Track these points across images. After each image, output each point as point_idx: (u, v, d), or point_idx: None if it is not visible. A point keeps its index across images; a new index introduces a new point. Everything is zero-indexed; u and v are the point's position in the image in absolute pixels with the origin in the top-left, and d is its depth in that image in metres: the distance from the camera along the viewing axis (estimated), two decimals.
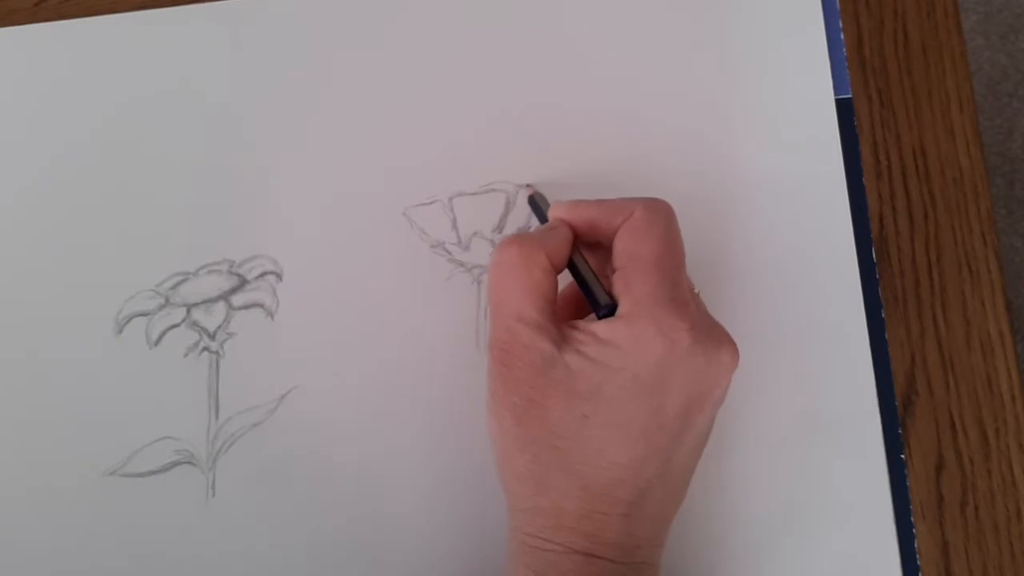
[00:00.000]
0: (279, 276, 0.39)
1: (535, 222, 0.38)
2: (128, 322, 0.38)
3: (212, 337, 0.38)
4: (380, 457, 0.36)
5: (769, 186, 0.38)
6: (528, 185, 0.38)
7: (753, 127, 0.39)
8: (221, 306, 0.38)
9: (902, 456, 0.35)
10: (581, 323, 0.30)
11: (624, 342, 0.29)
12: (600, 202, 0.32)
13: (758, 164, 0.38)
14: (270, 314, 0.38)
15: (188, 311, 0.38)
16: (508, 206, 0.39)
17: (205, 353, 0.38)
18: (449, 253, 0.38)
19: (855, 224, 0.37)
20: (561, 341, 0.30)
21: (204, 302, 0.38)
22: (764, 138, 0.39)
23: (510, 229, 0.38)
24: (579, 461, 0.29)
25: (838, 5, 0.40)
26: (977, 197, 0.38)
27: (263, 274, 0.39)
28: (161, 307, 0.38)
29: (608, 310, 0.30)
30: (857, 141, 0.39)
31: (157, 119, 0.41)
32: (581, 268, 0.32)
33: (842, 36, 0.40)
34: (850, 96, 0.39)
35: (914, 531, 0.35)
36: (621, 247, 0.30)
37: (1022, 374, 0.36)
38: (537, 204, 0.36)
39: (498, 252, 0.31)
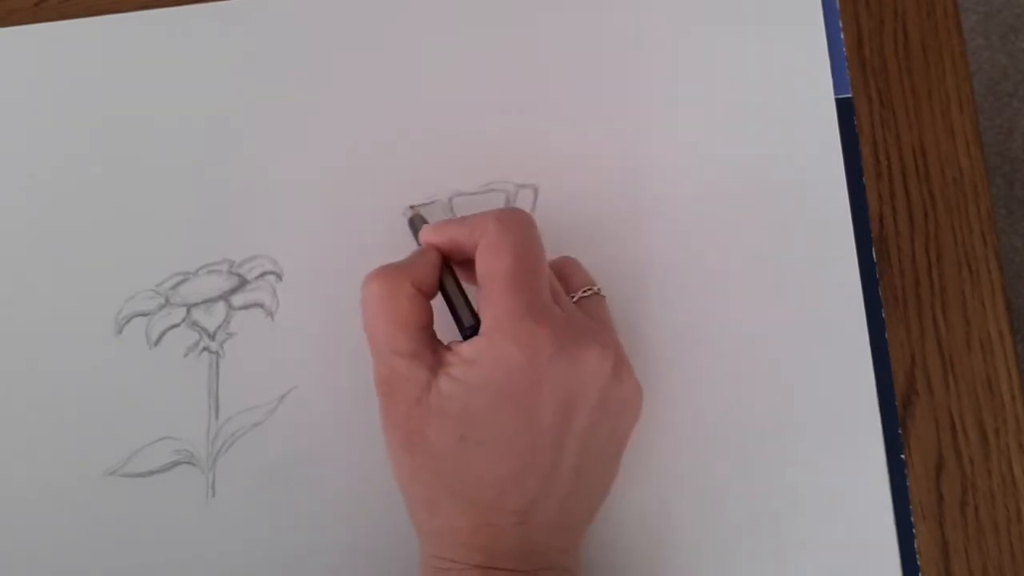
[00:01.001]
0: (279, 276, 0.38)
1: (536, 217, 0.38)
2: (128, 322, 0.38)
3: (212, 337, 0.38)
4: (380, 457, 0.36)
5: (769, 186, 0.38)
6: (411, 207, 0.38)
7: (753, 127, 0.39)
8: (221, 306, 0.38)
9: (902, 456, 0.35)
10: (453, 345, 0.31)
11: (485, 359, 0.29)
12: (462, 220, 0.32)
13: (758, 164, 0.38)
14: (270, 314, 0.38)
15: (188, 311, 0.38)
16: (508, 206, 0.39)
17: (205, 353, 0.38)
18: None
19: (855, 224, 0.37)
20: (436, 366, 0.30)
21: (204, 302, 0.38)
22: (764, 138, 0.39)
23: None
24: (461, 481, 0.29)
25: (838, 5, 0.40)
26: (977, 197, 0.38)
27: (263, 274, 0.39)
28: (161, 307, 0.38)
29: (471, 330, 0.31)
30: (857, 141, 0.39)
31: (157, 119, 0.41)
32: (449, 289, 0.32)
33: (842, 36, 0.40)
34: (850, 96, 0.39)
35: (914, 531, 0.35)
36: (480, 266, 0.31)
37: (1022, 374, 0.36)
38: (415, 226, 0.36)
39: (364, 287, 0.31)
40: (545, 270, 0.31)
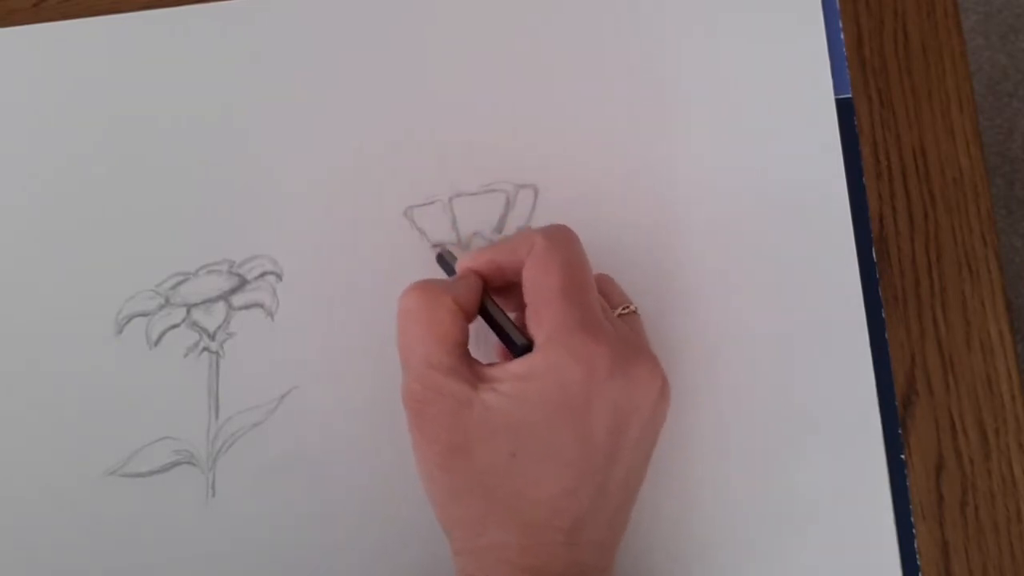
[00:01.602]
0: (279, 276, 0.39)
1: (536, 217, 0.38)
2: (128, 322, 0.38)
3: (212, 337, 0.38)
4: (380, 456, 0.36)
5: (769, 186, 0.38)
6: (436, 245, 0.38)
7: (753, 127, 0.39)
8: (221, 306, 0.38)
9: (902, 456, 0.35)
10: (499, 364, 0.30)
11: (542, 374, 0.29)
12: (502, 242, 0.32)
13: (758, 164, 0.38)
14: (270, 314, 0.38)
15: (188, 311, 0.38)
16: (508, 206, 0.39)
17: (205, 353, 0.38)
18: (450, 254, 0.38)
19: (855, 224, 0.37)
20: (476, 381, 0.29)
21: (204, 302, 0.38)
22: (764, 138, 0.39)
23: (510, 229, 0.38)
24: (513, 497, 0.28)
25: (838, 5, 0.40)
26: (977, 197, 0.38)
27: (263, 274, 0.39)
28: (161, 307, 0.38)
29: (524, 349, 0.30)
30: (857, 141, 0.39)
31: (157, 120, 0.41)
32: (493, 313, 0.32)
33: (842, 36, 0.40)
34: (850, 96, 0.39)
35: (914, 531, 0.35)
36: (528, 283, 0.30)
37: (1022, 374, 0.36)
38: (446, 261, 0.35)
39: (403, 298, 0.30)
40: (594, 286, 0.31)
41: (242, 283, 0.38)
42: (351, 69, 0.41)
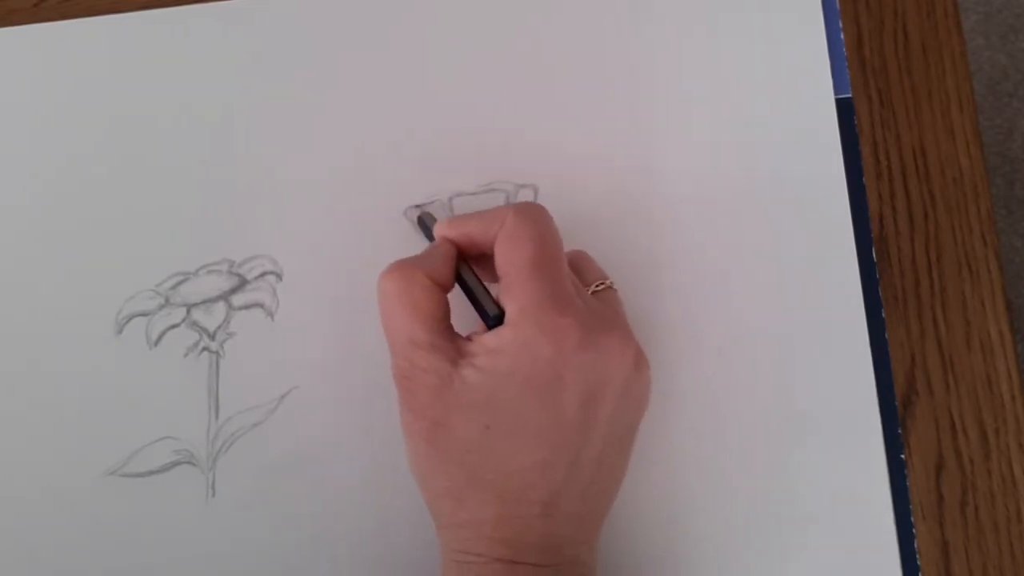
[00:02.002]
0: (279, 276, 0.39)
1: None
2: (128, 322, 0.38)
3: (212, 337, 0.38)
4: (379, 456, 0.36)
5: (769, 186, 0.38)
6: (417, 206, 0.38)
7: (753, 127, 0.39)
8: (221, 306, 0.38)
9: (902, 456, 0.35)
10: (475, 336, 0.31)
11: (511, 348, 0.29)
12: (477, 214, 0.32)
13: (758, 164, 0.38)
14: (270, 314, 0.38)
15: (188, 311, 0.38)
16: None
17: (205, 353, 0.38)
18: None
19: (855, 224, 0.37)
20: (457, 356, 0.30)
21: (204, 302, 0.38)
22: (764, 138, 0.39)
23: None
24: (489, 471, 0.29)
25: (838, 5, 0.40)
26: (977, 197, 0.38)
27: (263, 274, 0.39)
28: (161, 307, 0.38)
29: (496, 320, 0.30)
30: (857, 141, 0.39)
31: (157, 120, 0.41)
32: (469, 281, 0.32)
33: (842, 36, 0.40)
34: (850, 96, 0.39)
35: (914, 531, 0.35)
36: (500, 256, 0.31)
37: (1022, 374, 0.36)
38: (426, 224, 0.36)
39: (380, 282, 0.31)
40: (565, 260, 0.31)
41: (242, 283, 0.38)
42: (351, 69, 0.41)
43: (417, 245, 0.38)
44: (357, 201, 0.39)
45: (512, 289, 0.30)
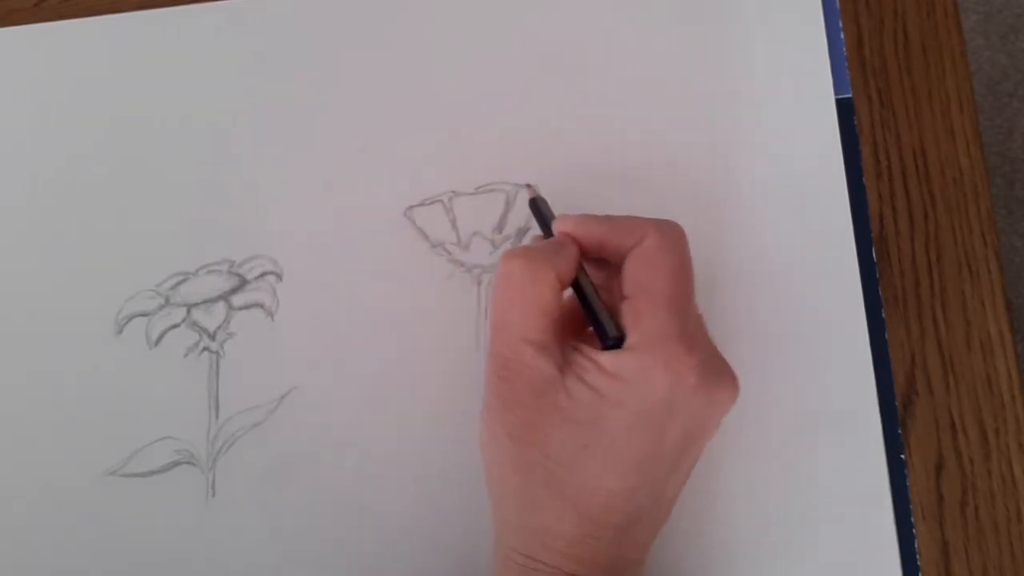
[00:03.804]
0: (279, 276, 0.39)
1: (535, 223, 0.38)
2: (128, 322, 0.38)
3: (212, 337, 0.38)
4: (379, 457, 0.36)
5: (769, 186, 0.38)
6: (528, 185, 0.37)
7: (753, 127, 0.39)
8: (221, 306, 0.38)
9: (902, 456, 0.35)
10: (586, 349, 0.30)
11: (630, 376, 0.28)
12: (610, 220, 0.31)
13: (758, 164, 0.38)
14: (270, 314, 0.38)
15: (188, 311, 0.38)
16: (508, 206, 0.39)
17: (205, 353, 0.38)
18: (449, 253, 0.38)
19: (855, 224, 0.37)
20: (564, 365, 0.29)
21: (204, 302, 0.38)
22: (764, 138, 0.39)
23: (510, 229, 0.38)
24: (574, 487, 0.29)
25: (838, 5, 0.40)
26: (977, 197, 0.38)
27: (263, 274, 0.39)
28: (161, 307, 0.38)
29: (616, 342, 0.29)
30: (857, 141, 0.39)
31: (157, 119, 0.41)
32: (588, 294, 0.31)
33: (842, 36, 0.40)
34: (850, 96, 0.39)
35: (914, 531, 0.35)
36: (631, 275, 0.30)
37: (1022, 374, 0.36)
38: (540, 211, 0.35)
39: (505, 263, 0.30)
40: (694, 293, 0.30)
41: (242, 283, 0.38)
42: (351, 69, 0.41)
43: (417, 246, 0.38)
44: (357, 201, 0.39)
45: (641, 316, 0.29)
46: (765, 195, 0.38)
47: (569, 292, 0.32)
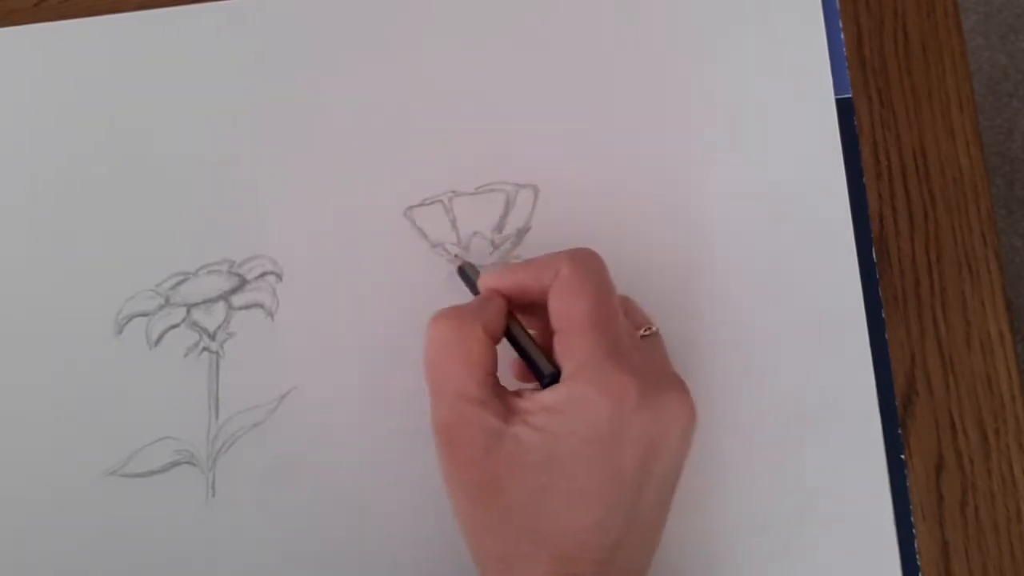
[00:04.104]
0: (279, 276, 0.39)
1: (536, 217, 0.38)
2: (128, 322, 0.38)
3: (212, 337, 0.38)
4: (379, 457, 0.36)
5: (769, 186, 0.38)
6: (456, 256, 0.37)
7: (753, 127, 0.39)
8: (221, 306, 0.38)
9: (902, 456, 0.35)
10: (527, 393, 0.30)
11: (570, 407, 0.28)
12: (527, 264, 0.32)
13: (758, 164, 0.38)
14: (270, 314, 0.38)
15: (188, 311, 0.38)
16: (508, 206, 0.39)
17: (205, 353, 0.38)
18: (449, 253, 0.38)
19: (855, 224, 0.37)
20: (507, 414, 0.29)
21: (204, 302, 0.38)
22: (764, 138, 0.39)
23: (510, 229, 0.38)
24: (544, 531, 0.28)
25: (838, 5, 0.40)
26: (977, 197, 0.38)
27: (263, 274, 0.39)
28: (161, 307, 0.38)
29: (552, 378, 0.30)
30: (857, 141, 0.39)
31: (157, 119, 0.41)
32: (520, 338, 0.31)
33: (842, 36, 0.40)
34: (850, 96, 0.39)
35: (914, 531, 0.35)
36: (555, 309, 0.30)
37: (1022, 374, 0.36)
38: (467, 275, 0.35)
39: (433, 327, 0.30)
40: (621, 312, 0.30)
41: (242, 283, 0.38)
42: (351, 69, 0.41)
43: (417, 246, 0.38)
44: (357, 201, 0.39)
45: (570, 345, 0.29)
46: (765, 195, 0.38)
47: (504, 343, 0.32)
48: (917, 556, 0.34)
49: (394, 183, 0.39)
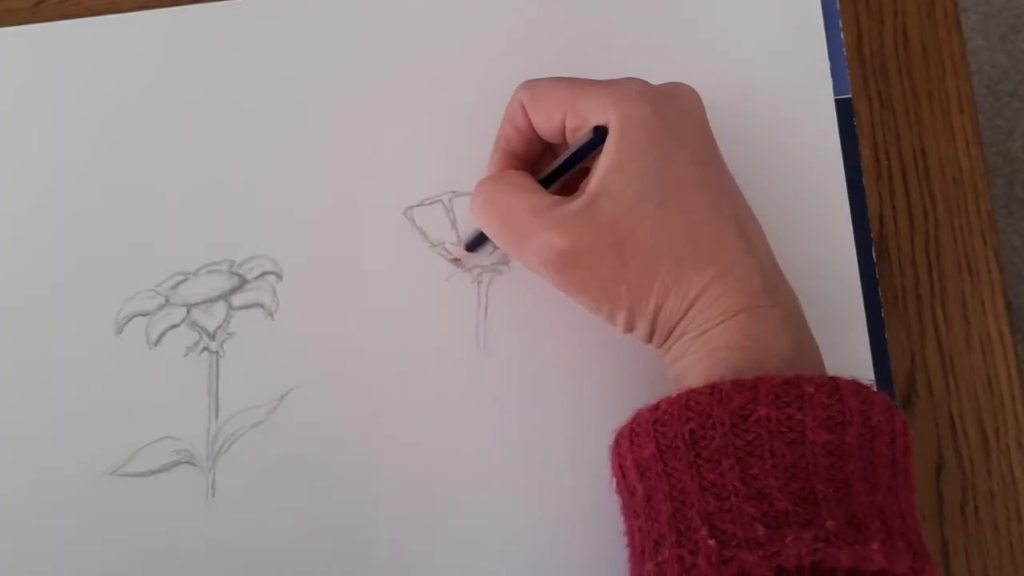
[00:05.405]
0: (279, 276, 0.39)
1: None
2: (128, 322, 0.38)
3: (212, 337, 0.38)
4: (379, 457, 0.36)
5: (769, 186, 0.38)
6: (456, 258, 0.38)
7: (753, 127, 0.39)
8: (221, 306, 0.38)
9: None
10: (584, 182, 0.32)
11: (620, 140, 0.31)
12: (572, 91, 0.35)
13: (758, 164, 0.38)
14: (270, 314, 0.38)
15: (188, 311, 0.38)
16: None
17: (205, 353, 0.38)
18: (449, 253, 0.38)
19: (855, 224, 0.37)
20: (582, 194, 0.31)
21: (204, 302, 0.38)
22: (764, 139, 0.39)
23: None
24: (683, 245, 0.30)
25: (838, 5, 0.40)
26: (977, 197, 0.38)
27: (263, 274, 0.39)
28: (161, 307, 0.38)
29: (600, 133, 0.32)
30: (857, 141, 0.39)
31: (157, 119, 0.41)
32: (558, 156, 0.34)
33: (842, 36, 0.40)
34: (850, 96, 0.39)
35: None
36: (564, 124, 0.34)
37: (1022, 374, 0.36)
38: (477, 246, 0.37)
39: (478, 190, 0.33)
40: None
41: (242, 283, 0.38)
42: (352, 69, 0.41)
43: (417, 246, 0.38)
44: (357, 201, 0.39)
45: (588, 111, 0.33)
46: (765, 195, 0.38)
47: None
48: None
49: (394, 183, 0.39)
